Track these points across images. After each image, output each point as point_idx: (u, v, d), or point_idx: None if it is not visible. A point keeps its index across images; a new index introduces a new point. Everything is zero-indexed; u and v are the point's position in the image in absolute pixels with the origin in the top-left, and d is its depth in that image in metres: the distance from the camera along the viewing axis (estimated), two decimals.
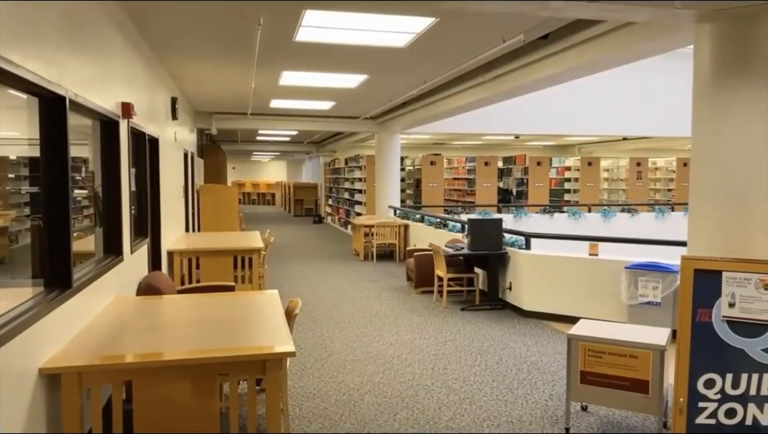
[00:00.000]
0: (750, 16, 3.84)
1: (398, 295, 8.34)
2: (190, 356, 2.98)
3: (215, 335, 3.36)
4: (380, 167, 14.27)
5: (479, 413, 4.21)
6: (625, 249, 6.93)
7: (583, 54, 5.82)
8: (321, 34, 5.99)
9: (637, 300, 5.98)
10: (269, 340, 3.27)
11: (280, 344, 3.18)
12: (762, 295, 3.41)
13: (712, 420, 3.43)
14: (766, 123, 3.85)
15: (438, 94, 9.56)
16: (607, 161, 20.09)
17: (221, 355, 3.00)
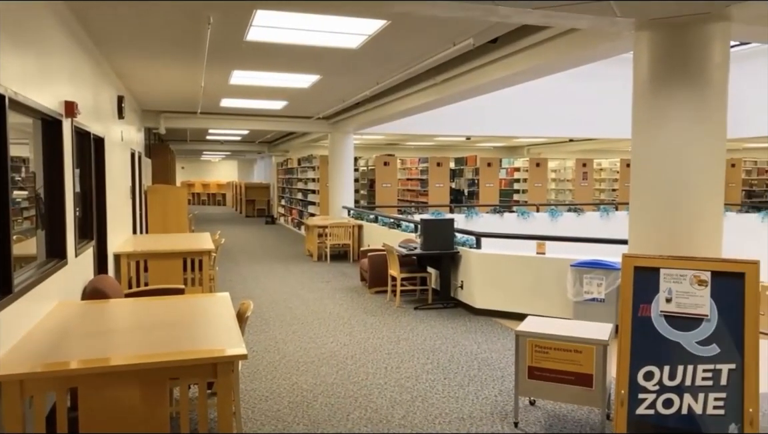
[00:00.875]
0: (684, 26, 4.04)
1: (352, 295, 8.36)
2: (137, 361, 2.93)
3: (164, 339, 3.30)
4: (334, 168, 14.25)
5: (431, 410, 4.28)
6: (571, 248, 7.17)
7: (530, 58, 5.99)
8: (272, 34, 5.95)
9: (582, 297, 6.19)
10: (220, 343, 3.24)
11: (232, 347, 3.16)
12: (696, 290, 3.60)
13: (651, 410, 3.59)
14: (700, 127, 4.07)
15: (391, 96, 9.63)
16: (554, 162, 20.64)
17: (171, 359, 2.96)
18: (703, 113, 4.04)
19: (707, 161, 4.10)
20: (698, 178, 4.08)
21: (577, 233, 13.11)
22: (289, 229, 19.18)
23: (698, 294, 3.58)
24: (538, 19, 4.26)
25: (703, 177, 4.09)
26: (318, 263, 11.47)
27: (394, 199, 15.82)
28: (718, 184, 4.16)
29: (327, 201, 14.71)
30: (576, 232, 13.74)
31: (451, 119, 13.78)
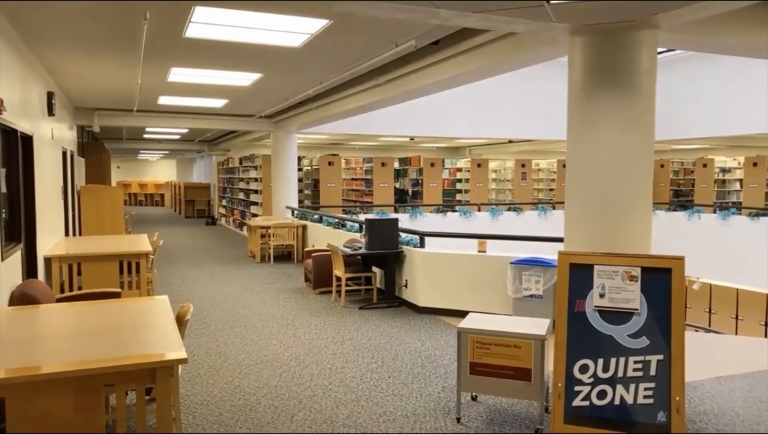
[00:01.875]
0: (614, 32, 4.22)
1: (296, 296, 8.29)
2: (69, 368, 2.81)
3: (100, 345, 3.19)
4: (277, 167, 14.09)
5: (375, 409, 4.30)
6: (511, 246, 7.35)
7: (471, 61, 6.10)
8: (212, 30, 5.83)
9: (521, 294, 6.36)
10: (159, 347, 3.16)
11: (171, 351, 3.08)
12: (627, 286, 3.76)
13: (586, 402, 3.74)
14: (630, 130, 4.26)
15: (334, 95, 9.61)
16: (494, 163, 21.10)
17: (106, 365, 2.86)
18: (632, 115, 4.23)
19: (637, 162, 4.29)
20: (629, 178, 4.27)
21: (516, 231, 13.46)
22: (231, 230, 18.83)
23: (629, 289, 3.75)
24: (478, 22, 4.35)
25: (633, 177, 4.28)
26: (261, 265, 11.31)
27: (338, 199, 15.79)
28: (647, 184, 4.37)
29: (270, 201, 14.53)
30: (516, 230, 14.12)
31: (395, 120, 13.87)
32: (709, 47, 5.33)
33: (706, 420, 4.07)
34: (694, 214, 14.85)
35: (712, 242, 14.04)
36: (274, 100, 10.89)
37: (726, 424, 4.01)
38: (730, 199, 17.71)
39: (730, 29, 4.70)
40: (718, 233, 14.04)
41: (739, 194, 17.28)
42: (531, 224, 15.42)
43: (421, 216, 14.61)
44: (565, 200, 4.67)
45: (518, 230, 14.15)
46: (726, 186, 18.15)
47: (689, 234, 14.68)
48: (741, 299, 12.12)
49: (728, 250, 13.60)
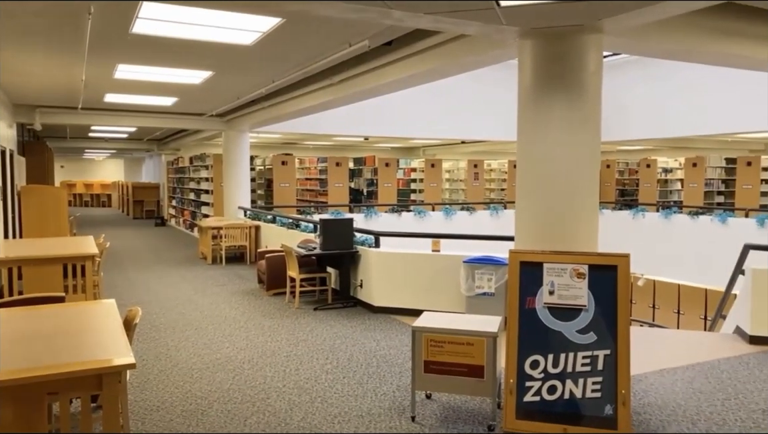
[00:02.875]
0: (562, 36, 4.34)
1: (249, 298, 8.18)
2: (9, 376, 2.69)
3: (42, 351, 3.06)
4: (229, 167, 13.86)
5: (330, 410, 4.28)
6: (464, 245, 7.45)
7: (423, 62, 6.16)
8: (160, 27, 5.69)
9: (474, 292, 6.45)
10: (106, 353, 3.05)
11: (118, 356, 2.99)
12: (575, 283, 3.87)
13: (537, 397, 3.82)
14: (577, 131, 4.38)
15: (287, 94, 9.52)
16: (448, 163, 21.34)
17: (48, 373, 2.74)
18: (579, 117, 4.36)
19: (584, 162, 4.42)
20: (576, 178, 4.39)
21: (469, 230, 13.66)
22: (181, 231, 18.41)
23: (577, 286, 3.86)
24: (430, 23, 4.39)
25: (580, 178, 4.41)
26: (213, 266, 11.10)
27: (292, 199, 15.65)
28: (593, 184, 4.50)
29: (221, 202, 14.28)
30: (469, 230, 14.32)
31: (349, 119, 13.86)
32: (650, 51, 5.54)
33: (650, 412, 4.23)
34: (639, 213, 15.40)
35: (656, 240, 14.59)
36: (225, 99, 10.71)
37: (668, 415, 4.17)
38: (672, 198, 18.45)
39: (669, 35, 4.90)
40: (661, 231, 14.61)
41: (680, 194, 18.02)
42: (483, 224, 15.67)
43: (376, 216, 14.64)
44: (516, 200, 4.77)
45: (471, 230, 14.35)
46: (668, 186, 18.89)
47: (634, 232, 15.22)
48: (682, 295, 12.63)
49: (670, 247, 14.16)
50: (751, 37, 5.40)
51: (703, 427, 3.97)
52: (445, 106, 14.64)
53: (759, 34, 5.41)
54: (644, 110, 13.99)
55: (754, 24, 5.32)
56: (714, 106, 12.65)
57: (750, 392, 4.59)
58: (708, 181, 16.55)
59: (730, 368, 5.14)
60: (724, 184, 17.08)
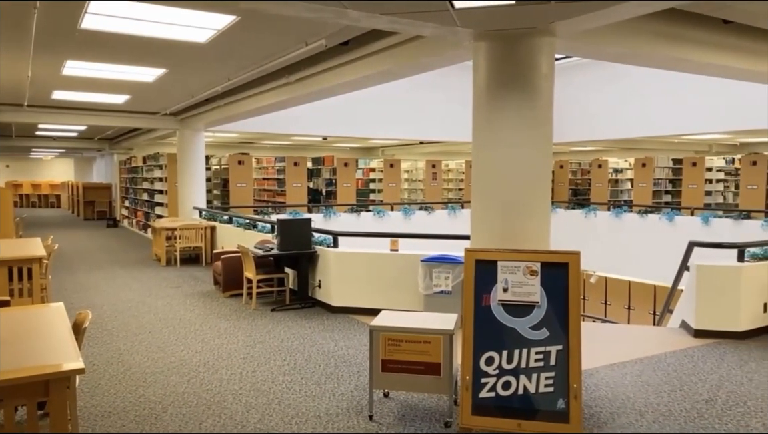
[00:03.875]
0: (515, 39, 4.42)
1: (205, 300, 8.04)
2: None
3: None
4: (183, 166, 13.59)
5: (288, 411, 4.26)
6: (423, 244, 7.50)
7: (380, 62, 6.18)
8: (111, 23, 5.55)
9: (431, 290, 6.51)
10: (53, 358, 2.96)
11: (67, 361, 2.90)
12: (528, 280, 3.95)
13: (492, 393, 3.89)
14: (530, 132, 4.48)
15: (243, 93, 9.41)
16: (406, 163, 21.45)
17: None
18: (532, 118, 4.45)
19: (537, 162, 4.52)
20: (529, 178, 4.49)
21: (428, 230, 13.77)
22: (135, 232, 17.95)
23: (530, 283, 3.94)
24: (386, 24, 4.42)
25: (533, 177, 4.50)
26: (167, 268, 10.87)
27: (249, 199, 15.45)
28: (546, 183, 4.61)
29: (176, 202, 13.99)
30: (427, 229, 14.44)
31: (308, 119, 13.78)
32: (601, 55, 5.71)
33: (601, 405, 4.36)
34: (591, 212, 15.82)
35: (607, 238, 15.02)
36: (179, 97, 10.50)
37: (618, 407, 4.31)
38: (622, 197, 19.02)
39: (618, 38, 5.06)
40: (613, 230, 15.05)
41: (630, 193, 18.59)
42: (442, 223, 15.82)
43: (335, 216, 14.60)
44: (471, 200, 4.84)
45: (430, 229, 14.47)
46: (618, 185, 19.47)
47: (587, 231, 15.63)
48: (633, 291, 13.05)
49: (621, 245, 14.61)
50: (693, 41, 5.63)
51: (650, 418, 4.12)
52: (404, 106, 14.72)
53: (700, 39, 5.65)
54: (596, 112, 14.39)
55: (695, 29, 5.55)
56: (662, 109, 13.12)
57: (694, 383, 4.78)
58: (656, 181, 17.13)
59: (676, 361, 5.34)
60: (671, 183, 17.71)
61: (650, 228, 14.10)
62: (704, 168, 15.62)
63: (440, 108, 14.94)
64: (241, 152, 18.09)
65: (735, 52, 6.03)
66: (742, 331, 5.97)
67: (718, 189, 17.21)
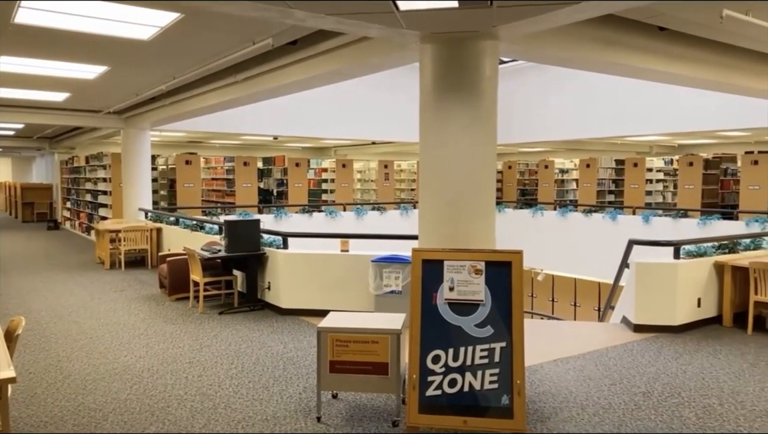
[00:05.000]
0: (460, 42, 4.49)
1: (150, 304, 7.83)
2: None
3: None
4: (128, 167, 13.19)
5: (234, 415, 4.20)
6: (374, 244, 7.52)
7: (328, 62, 6.16)
8: (48, 17, 5.34)
9: (382, 290, 6.53)
10: None
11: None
12: (473, 279, 4.02)
13: (438, 391, 3.93)
14: (474, 134, 4.55)
15: (190, 91, 9.21)
16: (359, 163, 21.46)
17: None
18: (477, 120, 4.53)
19: (481, 163, 4.60)
20: (474, 178, 4.56)
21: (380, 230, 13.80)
22: (77, 234, 17.32)
23: (475, 282, 4.01)
24: (332, 25, 4.41)
25: (478, 178, 4.58)
26: (111, 271, 10.53)
27: (197, 200, 15.13)
28: (491, 184, 4.70)
29: (121, 203, 13.57)
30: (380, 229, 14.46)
31: (258, 118, 13.62)
32: (543, 58, 5.85)
33: (545, 400, 4.47)
34: (538, 211, 16.20)
35: (554, 237, 15.42)
36: (123, 95, 10.20)
37: (561, 402, 4.43)
38: (568, 197, 19.56)
39: (559, 43, 5.20)
40: (559, 228, 15.46)
41: (575, 193, 19.13)
42: (394, 223, 15.89)
43: (287, 217, 14.47)
44: (419, 199, 4.88)
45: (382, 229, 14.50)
46: (564, 185, 20.02)
47: (534, 230, 16.00)
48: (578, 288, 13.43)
49: (567, 243, 15.02)
50: (630, 47, 5.85)
51: (591, 412, 4.25)
52: (356, 107, 14.72)
53: (637, 45, 5.87)
54: (543, 114, 14.75)
55: (632, 35, 5.76)
56: (605, 112, 13.57)
57: (633, 376, 4.96)
58: (600, 181, 17.68)
59: (616, 355, 5.53)
60: (614, 183, 18.32)
61: (594, 227, 14.55)
62: (645, 169, 16.23)
63: (392, 108, 15.01)
64: (189, 151, 17.71)
65: (670, 58, 6.29)
66: (678, 325, 6.23)
67: (657, 189, 17.90)
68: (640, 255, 6.64)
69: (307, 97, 12.50)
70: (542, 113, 14.75)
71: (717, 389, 4.67)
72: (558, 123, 14.67)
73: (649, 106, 12.62)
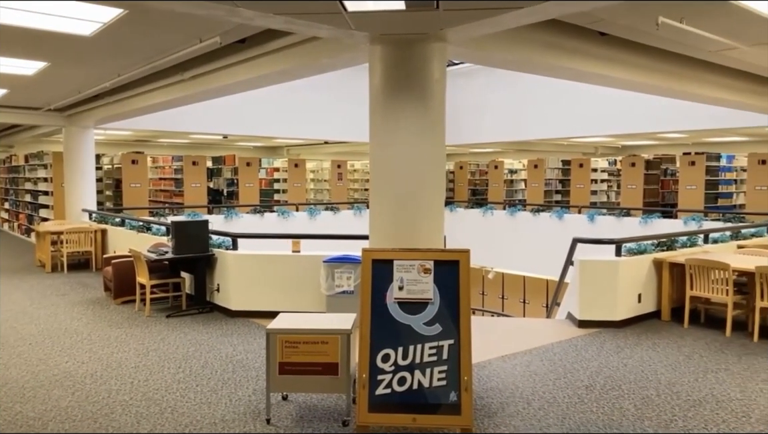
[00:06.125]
0: (409, 44, 4.54)
1: (94, 308, 7.59)
2: None
3: None
4: (71, 166, 12.73)
5: (181, 420, 4.12)
6: (327, 244, 7.49)
7: (276, 62, 6.11)
8: None
9: (334, 290, 6.53)
10: None
11: None
12: (422, 278, 4.07)
13: (388, 389, 3.96)
14: (423, 134, 4.61)
15: (135, 89, 8.97)
16: (312, 163, 21.34)
17: None
18: (425, 121, 4.59)
19: (430, 163, 4.67)
20: (423, 179, 4.62)
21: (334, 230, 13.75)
22: (16, 237, 16.61)
23: (424, 281, 4.06)
24: (281, 24, 4.39)
25: (427, 178, 4.64)
26: (52, 275, 10.14)
27: (144, 200, 14.74)
28: (440, 184, 4.77)
29: (63, 204, 13.09)
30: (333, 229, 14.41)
31: (207, 117, 13.37)
32: (490, 61, 5.97)
33: (492, 395, 4.57)
34: (488, 211, 16.50)
35: (504, 236, 15.73)
36: (64, 92, 9.84)
37: (507, 397, 4.54)
38: (517, 197, 20.00)
39: (505, 46, 5.33)
40: (508, 228, 15.77)
41: (524, 193, 19.58)
42: (347, 223, 15.86)
43: (237, 217, 14.25)
44: (370, 199, 4.91)
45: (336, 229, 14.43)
46: (513, 185, 20.46)
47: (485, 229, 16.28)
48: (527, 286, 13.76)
49: (517, 242, 15.34)
50: (573, 51, 6.03)
51: (536, 406, 4.37)
52: (308, 106, 14.63)
53: (580, 49, 6.06)
54: (493, 115, 15.02)
55: (575, 40, 5.95)
56: (553, 113, 13.93)
57: (576, 371, 5.12)
58: (547, 181, 18.16)
59: (561, 350, 5.70)
60: (560, 183, 18.84)
61: (542, 226, 14.92)
62: (590, 169, 16.75)
63: (345, 108, 14.97)
64: (136, 150, 17.20)
65: (611, 63, 6.52)
66: (620, 320, 6.47)
67: (602, 189, 18.51)
68: (584, 253, 6.86)
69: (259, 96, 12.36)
70: (490, 114, 15.02)
71: (655, 381, 4.88)
72: (505, 125, 14.98)
73: (593, 108, 13.03)
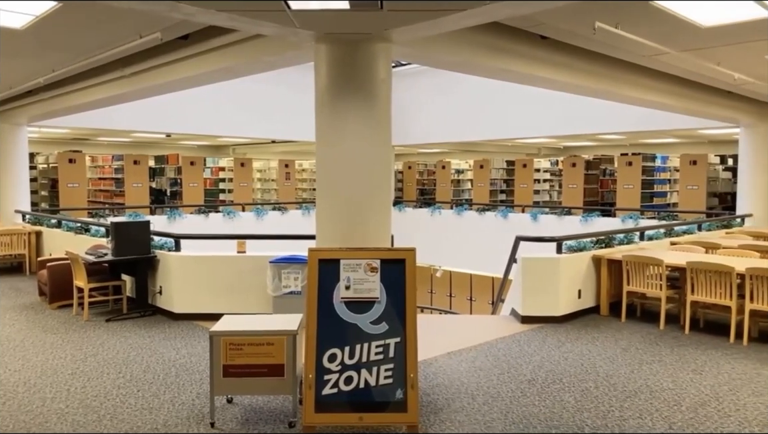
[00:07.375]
0: (354, 43, 4.55)
1: (27, 313, 7.26)
2: None
3: None
4: (2, 165, 12.09)
5: (121, 427, 4.00)
6: (274, 245, 7.41)
7: (220, 59, 6.00)
8: None
9: (281, 291, 6.45)
10: None
11: None
12: (369, 277, 4.09)
13: (334, 389, 3.96)
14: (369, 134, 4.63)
15: (73, 85, 8.62)
16: (259, 162, 21.04)
17: None
18: (371, 120, 4.61)
19: (376, 163, 4.69)
20: (369, 178, 4.64)
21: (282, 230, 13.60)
22: None
23: (370, 280, 4.08)
24: (224, 21, 4.32)
25: (373, 178, 4.66)
26: None
27: (83, 201, 14.19)
28: (386, 183, 4.79)
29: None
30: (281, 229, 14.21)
31: (149, 114, 12.98)
32: (435, 62, 6.05)
33: (438, 392, 4.63)
34: (436, 210, 16.70)
35: (451, 235, 15.95)
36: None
37: (453, 393, 4.61)
38: (464, 196, 20.32)
39: (450, 48, 5.41)
40: (455, 227, 16.01)
41: (470, 192, 19.91)
42: (296, 223, 15.72)
43: (181, 218, 13.90)
44: (316, 199, 4.89)
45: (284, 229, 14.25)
46: (460, 185, 20.78)
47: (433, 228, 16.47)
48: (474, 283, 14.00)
49: (463, 241, 15.59)
50: (515, 54, 6.18)
51: (480, 400, 4.46)
52: (254, 104, 14.42)
53: (522, 53, 6.21)
54: (439, 116, 15.20)
55: (517, 43, 6.09)
56: (497, 115, 14.22)
57: (520, 365, 5.25)
58: (492, 181, 18.52)
59: (505, 346, 5.83)
60: (505, 183, 19.25)
61: (488, 225, 15.21)
62: (533, 169, 17.19)
63: (293, 107, 14.82)
64: (73, 149, 16.54)
65: (552, 66, 6.71)
66: (561, 316, 6.67)
67: (545, 188, 19.02)
68: (527, 251, 7.04)
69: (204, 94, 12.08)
70: (436, 115, 15.19)
71: (594, 373, 5.06)
72: (452, 125, 15.19)
73: (536, 110, 13.38)
